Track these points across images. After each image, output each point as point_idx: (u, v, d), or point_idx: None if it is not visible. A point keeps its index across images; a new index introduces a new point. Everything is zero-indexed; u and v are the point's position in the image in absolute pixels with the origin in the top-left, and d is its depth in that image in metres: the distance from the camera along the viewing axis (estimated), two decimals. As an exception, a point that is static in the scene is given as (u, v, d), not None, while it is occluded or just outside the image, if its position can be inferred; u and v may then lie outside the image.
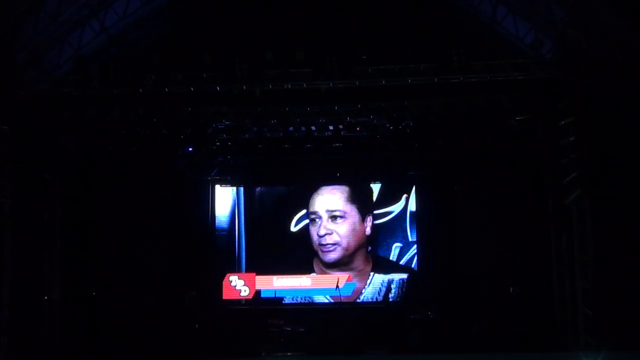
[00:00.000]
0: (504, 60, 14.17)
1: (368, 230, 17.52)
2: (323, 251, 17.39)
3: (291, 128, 16.08)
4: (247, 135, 16.41)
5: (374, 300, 17.30)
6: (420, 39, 14.86)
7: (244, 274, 17.56)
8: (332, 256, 17.37)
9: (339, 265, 17.40)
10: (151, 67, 14.28)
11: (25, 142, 14.38)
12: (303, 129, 16.03)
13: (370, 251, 17.58)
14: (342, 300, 16.42)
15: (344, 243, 17.41)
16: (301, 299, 17.44)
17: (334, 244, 17.38)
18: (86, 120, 15.48)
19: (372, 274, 17.43)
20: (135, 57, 14.74)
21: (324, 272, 17.42)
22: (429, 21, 15.94)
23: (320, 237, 17.41)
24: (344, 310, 16.50)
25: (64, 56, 15.19)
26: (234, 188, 17.96)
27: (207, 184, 17.87)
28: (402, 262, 17.48)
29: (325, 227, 17.43)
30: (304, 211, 17.68)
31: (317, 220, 17.54)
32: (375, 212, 17.59)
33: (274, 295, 17.40)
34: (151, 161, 16.76)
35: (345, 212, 17.53)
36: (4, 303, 13.62)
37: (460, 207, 17.05)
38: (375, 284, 17.41)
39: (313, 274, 17.47)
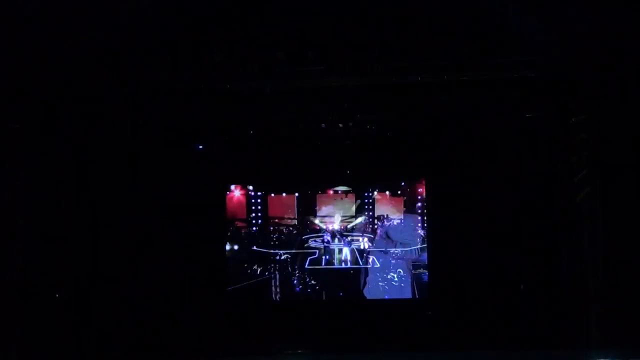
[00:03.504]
0: (514, 58, 14.15)
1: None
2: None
3: (301, 126, 16.10)
4: (256, 133, 16.42)
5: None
6: (430, 36, 14.81)
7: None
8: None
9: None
10: (160, 65, 14.33)
11: (37, 141, 14.43)
12: (313, 126, 16.04)
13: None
14: None
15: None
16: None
17: None
18: (98, 119, 15.57)
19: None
20: (144, 55, 14.73)
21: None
22: (439, 18, 15.87)
23: None
24: (356, 307, 16.54)
25: (75, 55, 15.23)
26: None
27: (217, 181, 17.85)
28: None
29: None
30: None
31: None
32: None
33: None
34: (162, 159, 16.79)
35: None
36: (16, 301, 13.71)
37: (471, 204, 17.01)
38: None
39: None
